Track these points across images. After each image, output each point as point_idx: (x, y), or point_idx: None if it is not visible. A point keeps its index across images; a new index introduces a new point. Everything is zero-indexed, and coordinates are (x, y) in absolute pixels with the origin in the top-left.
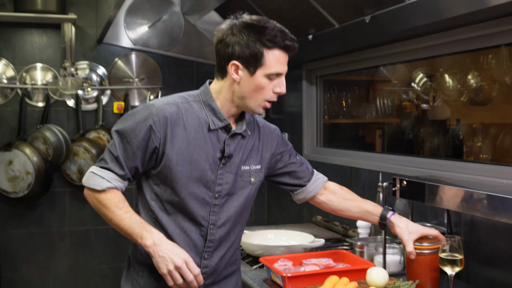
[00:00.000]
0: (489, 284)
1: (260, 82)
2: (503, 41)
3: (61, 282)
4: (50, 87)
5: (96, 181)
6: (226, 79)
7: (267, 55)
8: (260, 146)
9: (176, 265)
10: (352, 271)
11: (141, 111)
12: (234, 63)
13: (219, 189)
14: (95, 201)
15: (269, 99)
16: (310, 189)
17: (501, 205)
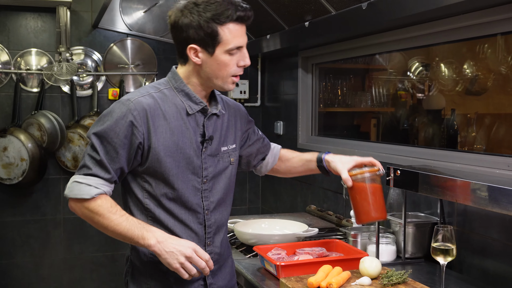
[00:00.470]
0: (482, 274)
1: (222, 60)
2: (499, 30)
3: (55, 269)
4: (45, 73)
5: (82, 190)
6: (189, 63)
7: (222, 32)
8: (232, 124)
9: (187, 255)
10: (345, 260)
11: (117, 108)
12: (192, 47)
13: (206, 173)
14: (85, 211)
15: (234, 73)
16: (270, 161)
17: (494, 195)
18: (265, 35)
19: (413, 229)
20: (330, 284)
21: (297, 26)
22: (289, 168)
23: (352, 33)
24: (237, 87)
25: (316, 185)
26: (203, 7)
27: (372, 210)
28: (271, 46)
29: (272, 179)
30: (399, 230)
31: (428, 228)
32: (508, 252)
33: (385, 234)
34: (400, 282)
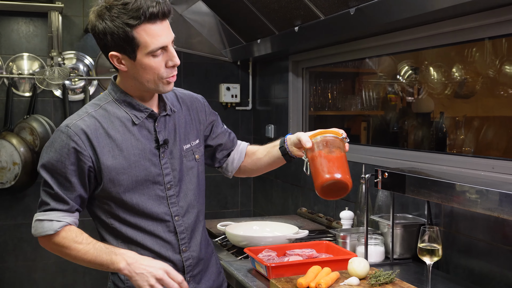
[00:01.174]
0: (467, 274)
1: (146, 63)
2: (486, 34)
3: (48, 273)
4: (37, 77)
5: (45, 227)
6: (120, 71)
7: (137, 34)
8: (192, 118)
9: (157, 277)
10: (334, 261)
11: (58, 137)
12: (113, 54)
13: (168, 179)
14: (53, 246)
15: (166, 75)
16: (236, 157)
17: (479, 196)
18: (256, 40)
19: (401, 230)
20: (319, 284)
21: (287, 31)
22: (254, 161)
23: (341, 37)
24: (228, 91)
25: (307, 187)
26: (115, 11)
27: (334, 170)
28: (262, 51)
29: (263, 182)
30: (387, 232)
31: (416, 229)
32: (492, 252)
33: (374, 235)
34: (387, 282)
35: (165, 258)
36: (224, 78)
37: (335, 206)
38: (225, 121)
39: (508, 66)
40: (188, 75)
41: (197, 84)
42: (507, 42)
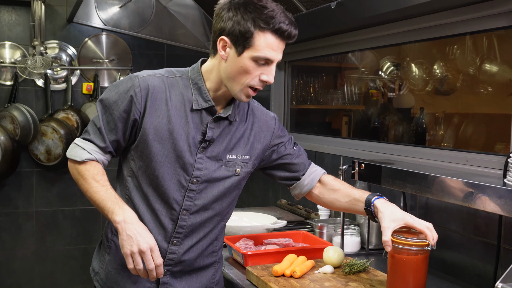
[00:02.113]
0: (440, 264)
1: (246, 64)
2: (467, 30)
3: (27, 262)
4: (18, 66)
5: (77, 152)
6: (216, 56)
7: (257, 36)
8: (252, 135)
9: (141, 249)
10: (310, 250)
11: (124, 82)
12: (223, 39)
13: (198, 173)
14: (75, 171)
15: (253, 85)
16: (306, 183)
17: (451, 187)
18: None
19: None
20: (294, 271)
21: None
22: (332, 201)
23: (323, 31)
24: None
25: None
26: (252, 7)
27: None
28: None
29: None
30: (364, 222)
31: None
32: (465, 243)
33: (350, 226)
34: (361, 271)
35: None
36: None
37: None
38: None
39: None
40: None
41: None
42: (488, 40)
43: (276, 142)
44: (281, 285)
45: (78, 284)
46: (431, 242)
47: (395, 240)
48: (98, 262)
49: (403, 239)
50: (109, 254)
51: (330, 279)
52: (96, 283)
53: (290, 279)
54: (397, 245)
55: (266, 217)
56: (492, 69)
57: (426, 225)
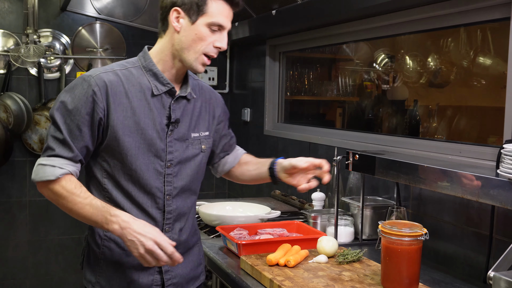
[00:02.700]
0: (433, 255)
1: (200, 31)
2: (462, 21)
3: (21, 252)
4: (11, 54)
5: (46, 172)
6: (167, 32)
7: (210, 3)
8: (207, 112)
9: (146, 248)
10: (304, 240)
11: (79, 84)
12: (176, 9)
13: (170, 157)
14: (50, 193)
15: (208, 52)
16: (230, 160)
17: (444, 177)
18: (234, 23)
19: (370, 212)
20: (288, 261)
21: (265, 14)
22: (243, 171)
23: (318, 22)
24: (206, 73)
25: None
26: None
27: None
28: (240, 34)
29: None
30: (357, 213)
31: (385, 211)
32: (457, 234)
33: (344, 216)
34: (355, 260)
35: None
36: None
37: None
38: None
39: (481, 57)
40: None
41: None
42: (482, 33)
43: (222, 118)
44: (275, 274)
45: (72, 274)
46: (325, 168)
47: (389, 232)
48: (92, 273)
49: (396, 230)
50: (104, 259)
51: (324, 269)
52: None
53: (284, 268)
54: (391, 236)
55: (260, 207)
56: (485, 62)
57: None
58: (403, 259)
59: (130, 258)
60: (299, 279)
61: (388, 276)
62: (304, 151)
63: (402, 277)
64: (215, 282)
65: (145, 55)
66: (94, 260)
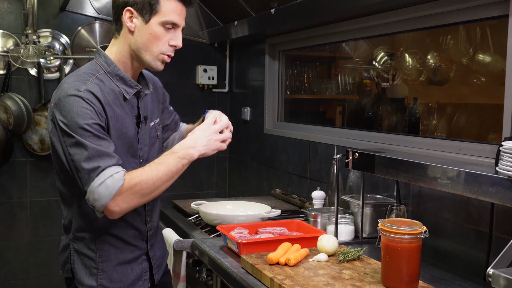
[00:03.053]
0: (433, 252)
1: (155, 30)
2: (461, 19)
3: (22, 252)
4: (11, 55)
5: (108, 188)
6: (122, 33)
7: (162, 2)
8: (155, 98)
9: (216, 148)
10: (304, 239)
11: (74, 103)
12: (129, 9)
13: (141, 153)
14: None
15: (165, 51)
16: (177, 137)
17: (444, 175)
18: (233, 22)
19: (370, 210)
20: (288, 259)
21: (264, 13)
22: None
23: (317, 20)
24: (205, 72)
25: (281, 169)
26: None
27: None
28: (239, 33)
29: (239, 164)
30: (358, 211)
31: (385, 209)
32: (457, 231)
33: (344, 214)
34: (355, 259)
35: (135, 227)
36: (201, 60)
37: (308, 188)
38: (201, 103)
39: (481, 54)
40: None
41: (174, 66)
42: (481, 30)
43: (164, 99)
44: (276, 273)
45: None
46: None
47: (388, 230)
48: (91, 277)
49: (396, 228)
50: (102, 261)
51: (324, 267)
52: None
53: (284, 267)
54: (391, 234)
55: (261, 206)
56: (485, 59)
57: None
58: (403, 257)
59: (124, 254)
60: (300, 278)
61: (388, 274)
62: (304, 149)
63: (402, 275)
64: (215, 281)
65: (107, 60)
66: (90, 265)
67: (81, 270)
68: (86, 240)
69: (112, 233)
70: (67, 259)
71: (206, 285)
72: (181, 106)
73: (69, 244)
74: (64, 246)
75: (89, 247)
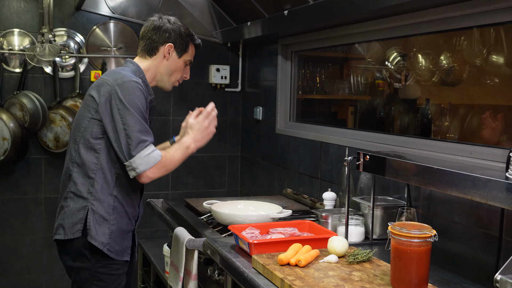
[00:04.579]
0: (443, 255)
1: (180, 64)
2: (474, 23)
3: (36, 247)
4: (27, 53)
5: (155, 156)
6: (155, 57)
7: (190, 47)
8: None
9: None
10: (315, 240)
11: (135, 87)
12: (170, 45)
13: None
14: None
15: (179, 80)
16: None
17: (454, 180)
18: (246, 22)
19: (381, 212)
20: (299, 260)
21: (277, 15)
22: None
23: (330, 22)
24: (218, 72)
25: (293, 169)
26: (184, 26)
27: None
28: (252, 33)
29: (250, 163)
30: (368, 213)
31: (396, 211)
32: (466, 234)
33: (355, 216)
34: (365, 260)
35: (134, 206)
36: (214, 59)
37: (319, 188)
38: (214, 103)
39: (494, 55)
40: None
41: None
42: (495, 31)
43: None
44: (286, 273)
45: None
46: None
47: (398, 233)
48: (103, 235)
49: (406, 232)
50: (114, 224)
51: (334, 268)
52: (109, 253)
53: (295, 268)
54: (400, 238)
55: (272, 206)
56: (498, 60)
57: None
58: (412, 261)
59: (124, 223)
60: (310, 279)
61: (398, 277)
62: (316, 150)
63: (411, 278)
64: (227, 280)
65: (139, 70)
66: (104, 225)
67: (96, 228)
68: (105, 204)
69: (122, 203)
70: (80, 220)
71: (217, 284)
72: (193, 105)
73: (87, 206)
74: (79, 208)
75: (106, 211)
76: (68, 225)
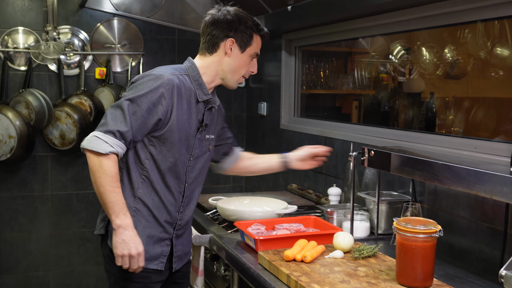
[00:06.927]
0: (448, 249)
1: (245, 59)
2: (478, 17)
3: (43, 245)
4: (32, 51)
5: (100, 145)
6: (216, 54)
7: (255, 38)
8: (216, 119)
9: (131, 254)
10: (320, 235)
11: (152, 80)
12: (231, 40)
13: (193, 152)
14: (96, 163)
15: (245, 75)
16: (231, 159)
17: (458, 175)
18: None
19: (386, 207)
20: (304, 256)
21: (280, 10)
22: (249, 165)
23: (333, 17)
24: None
25: None
26: (245, 17)
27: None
28: None
29: None
30: (373, 208)
31: (401, 206)
32: (471, 229)
33: (360, 211)
34: (370, 256)
35: (169, 211)
36: None
37: (324, 183)
38: (219, 97)
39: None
40: (182, 51)
41: None
42: (499, 24)
43: (224, 125)
44: (292, 269)
45: (93, 265)
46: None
47: (403, 229)
48: None
49: (411, 227)
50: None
51: (340, 264)
52: None
53: (301, 264)
54: (405, 233)
55: (278, 202)
56: (503, 53)
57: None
58: (417, 256)
59: (151, 229)
60: (316, 275)
61: (403, 272)
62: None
63: (417, 273)
64: (233, 276)
65: (193, 67)
66: None
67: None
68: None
69: (149, 206)
70: (104, 217)
71: (223, 280)
72: None
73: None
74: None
75: (129, 204)
76: (98, 221)
